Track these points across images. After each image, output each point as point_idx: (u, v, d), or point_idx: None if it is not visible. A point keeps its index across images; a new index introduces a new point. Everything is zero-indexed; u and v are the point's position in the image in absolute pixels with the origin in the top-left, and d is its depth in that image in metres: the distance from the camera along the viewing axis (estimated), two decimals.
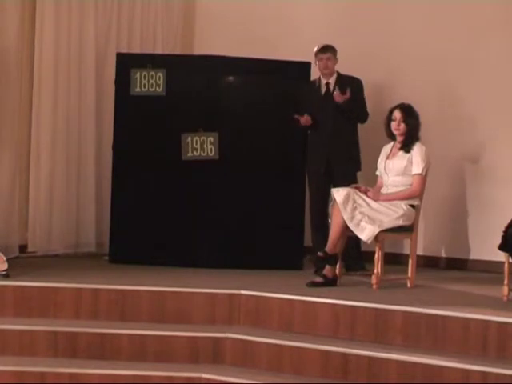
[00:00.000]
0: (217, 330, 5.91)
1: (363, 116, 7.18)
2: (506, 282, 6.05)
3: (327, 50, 7.17)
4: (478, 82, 7.57)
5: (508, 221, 6.07)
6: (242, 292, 6.07)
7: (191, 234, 7.26)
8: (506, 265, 6.02)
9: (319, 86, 7.21)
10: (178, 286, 6.19)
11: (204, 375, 5.58)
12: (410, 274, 6.59)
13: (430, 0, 7.75)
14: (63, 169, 7.65)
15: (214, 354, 5.80)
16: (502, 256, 6.07)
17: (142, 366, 5.69)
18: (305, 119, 7.04)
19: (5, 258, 6.33)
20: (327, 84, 7.19)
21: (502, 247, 6.03)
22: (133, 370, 5.62)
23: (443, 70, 7.56)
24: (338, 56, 7.17)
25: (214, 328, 5.95)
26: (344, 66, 8.01)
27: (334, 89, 7.05)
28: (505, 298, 6.04)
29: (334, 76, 7.21)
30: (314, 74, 7.30)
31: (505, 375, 5.07)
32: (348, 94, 6.90)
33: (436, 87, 7.43)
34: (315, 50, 7.18)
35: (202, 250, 7.24)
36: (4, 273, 6.21)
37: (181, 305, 6.06)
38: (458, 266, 7.62)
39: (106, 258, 7.44)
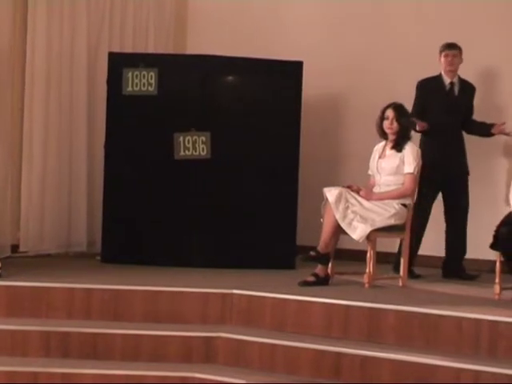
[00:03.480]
0: (210, 329, 5.90)
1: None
2: (497, 280, 6.09)
3: (454, 47, 7.07)
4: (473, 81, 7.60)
5: (499, 219, 6.10)
6: (235, 291, 6.07)
7: (184, 234, 7.26)
8: (498, 264, 6.06)
9: (442, 83, 7.12)
10: (171, 285, 6.19)
11: (197, 375, 5.58)
12: (402, 273, 6.61)
13: (422, 0, 7.77)
14: (55, 168, 7.64)
15: (207, 354, 5.80)
16: (493, 255, 6.10)
17: (136, 365, 5.68)
18: (422, 126, 6.94)
19: None
20: (451, 83, 7.12)
21: (493, 246, 6.05)
22: (126, 369, 5.61)
23: (436, 70, 7.55)
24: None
25: (207, 327, 5.94)
26: (337, 66, 8.06)
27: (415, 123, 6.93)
28: (497, 297, 6.08)
29: (457, 77, 7.14)
30: (306, 73, 7.30)
31: (497, 374, 5.09)
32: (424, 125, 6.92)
33: None
34: (441, 46, 7.09)
35: (194, 250, 7.24)
36: None
37: (174, 304, 6.05)
38: None
39: (98, 257, 7.44)
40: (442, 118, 7.05)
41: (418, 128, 6.96)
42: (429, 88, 7.14)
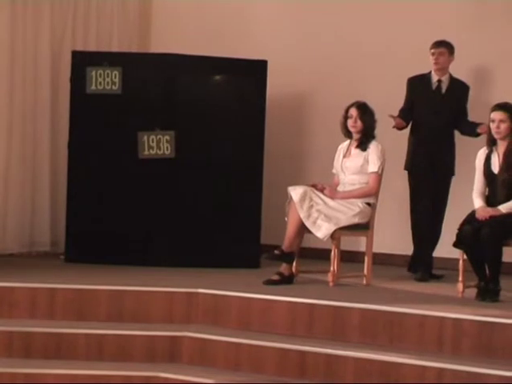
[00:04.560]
0: (175, 328, 5.89)
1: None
2: (460, 278, 6.14)
3: (440, 44, 6.95)
4: None
5: (462, 218, 6.15)
6: (200, 291, 6.07)
7: (148, 233, 7.23)
8: (461, 262, 6.11)
9: (429, 81, 7.01)
10: (136, 285, 6.16)
11: (161, 374, 5.57)
12: (366, 272, 6.64)
13: (389, 1, 7.79)
14: (18, 167, 7.57)
15: (172, 353, 5.79)
16: (457, 253, 6.14)
17: (100, 365, 5.65)
18: (397, 122, 6.89)
19: None
20: (439, 81, 7.00)
21: (456, 244, 6.10)
22: (90, 369, 5.58)
23: (404, 69, 7.56)
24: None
25: (172, 327, 5.93)
26: (301, 65, 8.08)
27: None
28: (460, 295, 6.12)
29: (447, 75, 7.01)
30: (271, 72, 7.31)
31: (460, 371, 5.14)
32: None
33: (396, 86, 7.43)
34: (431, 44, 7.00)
35: (159, 249, 7.22)
36: None
37: (138, 304, 6.03)
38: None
39: (62, 257, 7.39)
40: (427, 116, 6.98)
41: (394, 124, 6.93)
42: (416, 85, 7.08)
